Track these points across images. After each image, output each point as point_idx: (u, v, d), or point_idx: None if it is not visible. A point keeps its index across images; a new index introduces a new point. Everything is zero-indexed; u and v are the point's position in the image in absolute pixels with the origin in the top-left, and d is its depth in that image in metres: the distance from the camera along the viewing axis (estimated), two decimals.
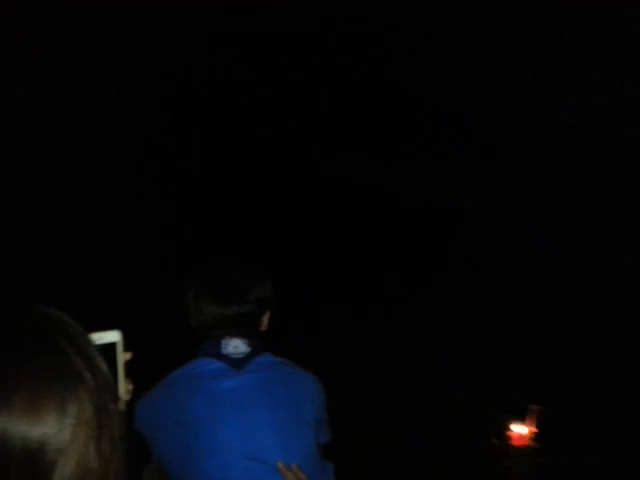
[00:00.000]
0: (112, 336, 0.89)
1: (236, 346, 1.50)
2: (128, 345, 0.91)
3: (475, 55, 5.44)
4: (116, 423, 0.66)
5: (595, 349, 4.08)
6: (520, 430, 1.89)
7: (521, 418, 1.80)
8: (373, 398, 3.88)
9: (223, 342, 1.49)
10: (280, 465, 1.42)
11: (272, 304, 1.62)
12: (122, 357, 0.90)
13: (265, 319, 1.61)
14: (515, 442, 1.86)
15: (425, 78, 5.79)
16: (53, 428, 0.59)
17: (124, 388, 0.90)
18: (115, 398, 0.69)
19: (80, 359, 0.64)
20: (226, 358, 1.49)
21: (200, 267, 1.62)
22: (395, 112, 6.06)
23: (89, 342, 0.69)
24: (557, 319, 4.50)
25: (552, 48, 5.03)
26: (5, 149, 4.20)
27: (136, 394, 1.01)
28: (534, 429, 1.81)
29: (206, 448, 1.45)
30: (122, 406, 0.87)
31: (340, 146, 6.28)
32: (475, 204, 5.77)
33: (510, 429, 1.89)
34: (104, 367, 0.68)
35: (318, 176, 6.10)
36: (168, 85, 5.44)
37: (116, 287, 4.28)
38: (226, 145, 5.94)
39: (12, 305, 0.69)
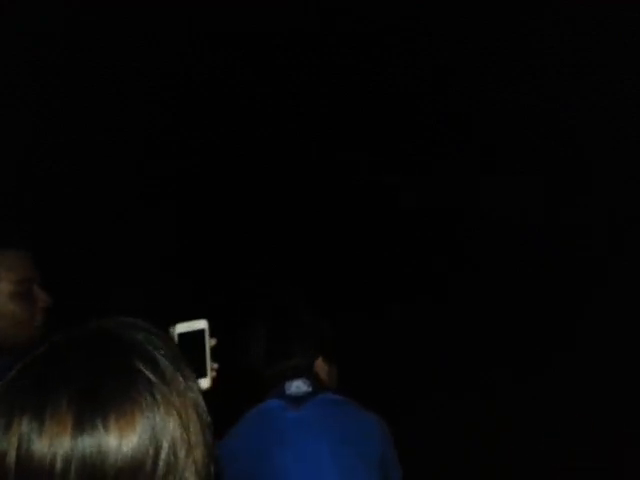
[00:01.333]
0: (200, 324, 1.06)
1: (298, 386, 1.62)
2: (213, 332, 1.07)
3: (475, 55, 5.44)
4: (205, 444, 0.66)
5: (596, 350, 4.08)
6: None
7: None
8: (373, 398, 3.88)
9: (287, 384, 1.62)
10: None
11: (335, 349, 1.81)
12: (209, 342, 1.06)
13: (318, 364, 1.74)
14: None
15: (425, 78, 5.79)
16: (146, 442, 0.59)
17: (210, 368, 1.06)
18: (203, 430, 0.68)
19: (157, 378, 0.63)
20: (288, 397, 1.60)
21: (259, 323, 1.74)
22: (394, 112, 6.06)
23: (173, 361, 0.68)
24: (560, 320, 4.50)
25: (552, 48, 5.03)
26: (5, 149, 4.19)
27: None
28: None
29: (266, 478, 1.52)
30: (207, 384, 1.03)
31: (340, 146, 6.28)
32: (487, 207, 5.76)
33: None
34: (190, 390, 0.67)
35: (320, 176, 6.10)
36: (168, 85, 5.44)
37: (116, 287, 4.28)
38: (226, 145, 5.94)
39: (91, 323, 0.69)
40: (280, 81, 5.95)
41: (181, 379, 0.65)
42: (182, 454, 0.61)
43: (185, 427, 0.62)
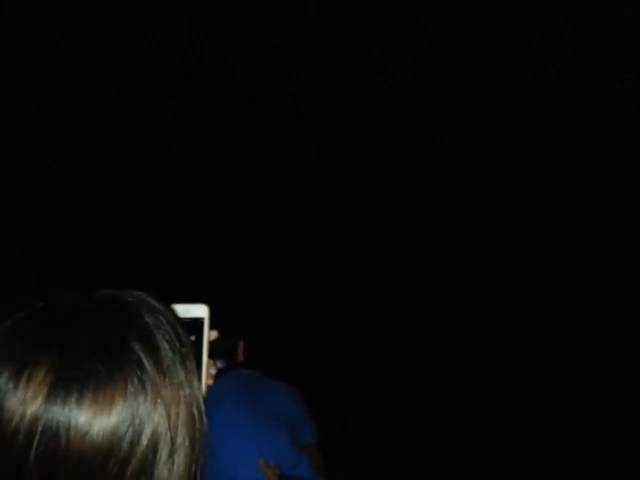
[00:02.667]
0: (199, 311, 0.81)
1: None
2: (214, 323, 0.82)
3: (475, 55, 5.43)
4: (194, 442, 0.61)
5: (596, 350, 4.07)
6: None
7: None
8: (374, 398, 3.88)
9: None
10: (260, 462, 1.58)
11: (243, 334, 1.90)
12: (208, 335, 0.81)
13: (240, 348, 1.86)
14: None
15: (425, 78, 5.79)
16: (124, 422, 0.56)
17: (207, 371, 0.81)
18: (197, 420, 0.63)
19: (151, 360, 0.59)
20: None
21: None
22: (394, 112, 6.06)
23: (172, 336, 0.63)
24: (560, 320, 4.50)
25: (552, 48, 5.03)
26: (5, 149, 4.19)
27: None
28: None
29: None
30: (203, 392, 0.79)
31: (340, 146, 6.28)
32: (487, 207, 5.76)
33: None
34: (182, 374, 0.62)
35: (320, 176, 6.10)
36: (168, 85, 5.44)
37: (116, 287, 4.27)
38: (226, 145, 5.94)
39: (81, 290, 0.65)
40: (280, 81, 5.95)
41: (182, 372, 0.61)
42: (163, 454, 0.57)
43: (172, 425, 0.58)
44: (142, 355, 0.58)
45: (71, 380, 0.55)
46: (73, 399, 0.55)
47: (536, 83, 5.26)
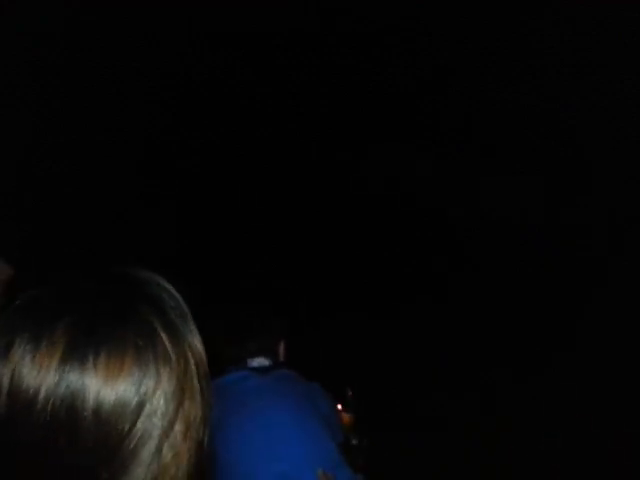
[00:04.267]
0: None
1: (260, 362, 1.83)
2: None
3: (475, 55, 5.43)
4: (197, 421, 0.63)
5: (596, 350, 4.07)
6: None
7: None
8: (374, 398, 3.88)
9: (249, 360, 1.84)
10: (320, 473, 1.63)
11: (286, 334, 1.98)
12: None
13: (281, 348, 1.95)
14: None
15: (425, 78, 5.79)
16: (129, 395, 0.57)
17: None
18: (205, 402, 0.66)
19: (170, 338, 0.61)
20: (251, 369, 1.81)
21: (215, 315, 1.90)
22: (394, 112, 6.06)
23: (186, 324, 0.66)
24: (560, 320, 4.50)
25: (552, 48, 5.03)
26: (5, 149, 4.19)
27: None
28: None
29: (231, 440, 1.63)
30: None
31: (340, 146, 6.28)
32: (487, 207, 5.75)
33: None
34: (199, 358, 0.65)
35: (320, 176, 6.10)
36: (168, 85, 5.44)
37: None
38: (226, 145, 5.94)
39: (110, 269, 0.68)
40: (280, 81, 5.95)
41: (189, 334, 0.64)
42: (170, 409, 0.58)
43: (181, 384, 0.60)
44: (152, 318, 0.61)
45: (85, 343, 0.57)
46: (89, 361, 0.56)
47: (536, 83, 5.25)
